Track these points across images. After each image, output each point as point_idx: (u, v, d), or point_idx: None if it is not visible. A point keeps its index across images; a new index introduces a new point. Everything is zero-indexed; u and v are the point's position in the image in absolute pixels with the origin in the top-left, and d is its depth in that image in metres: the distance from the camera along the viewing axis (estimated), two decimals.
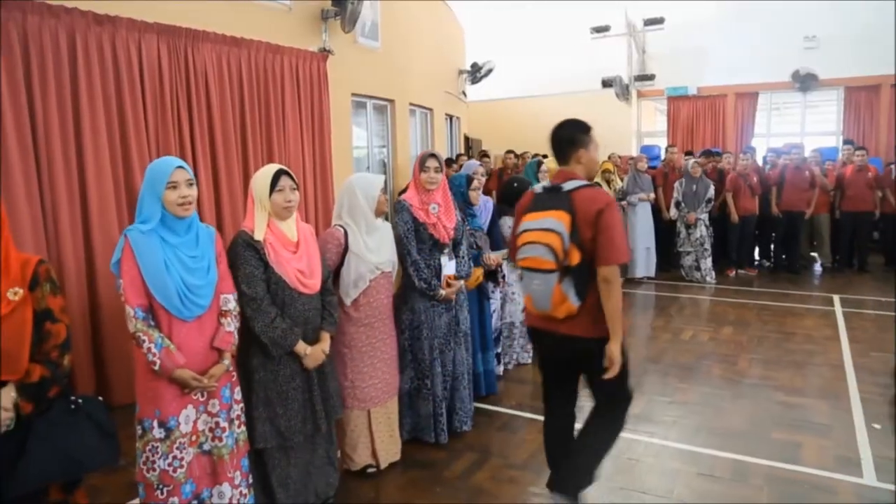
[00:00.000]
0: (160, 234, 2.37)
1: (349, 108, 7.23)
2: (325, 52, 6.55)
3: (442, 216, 3.55)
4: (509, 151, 9.37)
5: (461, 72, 10.98)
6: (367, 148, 7.83)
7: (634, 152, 12.19)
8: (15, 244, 2.07)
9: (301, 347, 2.76)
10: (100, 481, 3.31)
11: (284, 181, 2.72)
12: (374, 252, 3.21)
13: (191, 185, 2.39)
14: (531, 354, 5.16)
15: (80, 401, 2.04)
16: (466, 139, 11.63)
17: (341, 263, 3.18)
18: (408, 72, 8.47)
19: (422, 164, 3.54)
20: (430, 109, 9.49)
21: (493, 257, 4.21)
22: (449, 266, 3.63)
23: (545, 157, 6.76)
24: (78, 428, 2.00)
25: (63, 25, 4.30)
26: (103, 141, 4.49)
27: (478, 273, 4.01)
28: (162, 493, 2.42)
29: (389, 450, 3.44)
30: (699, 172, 8.27)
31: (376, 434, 3.36)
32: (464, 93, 11.24)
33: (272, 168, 2.75)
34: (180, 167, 2.38)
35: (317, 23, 6.58)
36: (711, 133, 12.60)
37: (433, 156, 3.56)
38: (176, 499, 2.44)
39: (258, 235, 2.69)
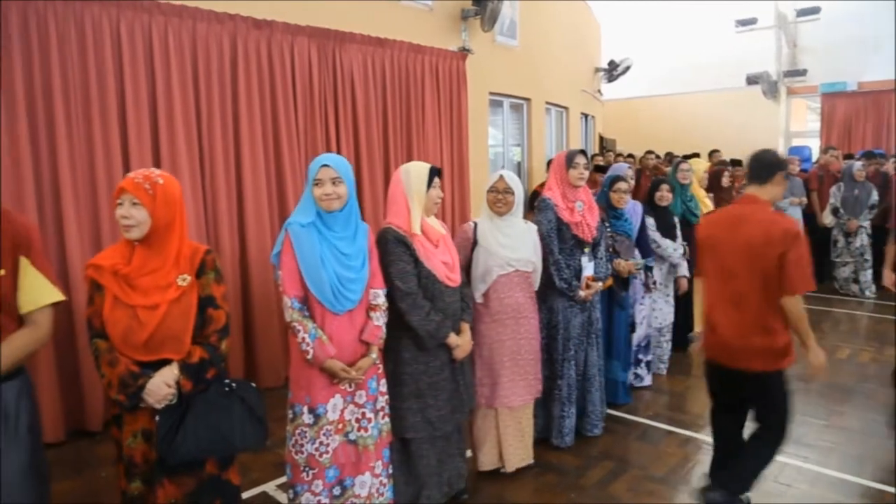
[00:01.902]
0: (318, 227, 2.48)
1: (486, 107, 7.26)
2: (464, 52, 6.61)
3: (586, 214, 3.51)
4: (649, 152, 9.05)
5: (597, 69, 10.74)
6: (501, 147, 7.83)
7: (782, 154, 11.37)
8: None
9: (453, 339, 2.82)
10: (247, 459, 3.51)
11: (436, 180, 2.80)
12: (509, 248, 3.19)
13: (336, 182, 2.46)
14: (667, 365, 5.00)
15: (234, 384, 2.17)
16: (601, 139, 11.37)
17: (472, 258, 3.21)
18: (545, 70, 8.38)
19: (570, 161, 3.51)
20: (566, 108, 9.35)
21: (623, 264, 4.06)
22: (589, 267, 3.56)
23: (687, 157, 6.46)
24: (231, 409, 2.12)
25: (226, 31, 4.62)
26: (258, 138, 4.79)
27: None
28: (307, 476, 2.54)
29: (518, 454, 3.39)
30: (863, 176, 7.59)
31: (503, 436, 3.33)
32: (599, 91, 10.99)
33: (425, 165, 2.81)
34: (325, 165, 2.47)
35: (456, 22, 6.66)
36: (873, 133, 11.52)
37: (582, 152, 3.54)
38: (320, 482, 2.54)
39: (416, 229, 2.75)
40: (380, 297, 2.62)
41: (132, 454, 2.07)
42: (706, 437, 3.83)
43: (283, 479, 3.35)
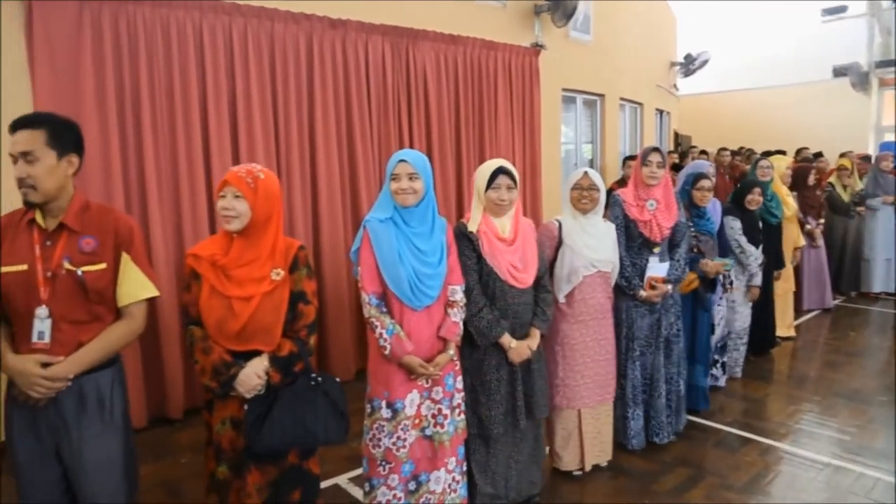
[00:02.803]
0: (395, 223, 2.49)
1: (559, 104, 7.17)
2: (537, 48, 6.54)
3: (659, 214, 3.41)
4: (723, 149, 8.73)
5: (673, 64, 10.45)
6: (574, 144, 7.72)
7: (871, 150, 10.80)
8: None
9: (506, 340, 2.76)
10: (321, 451, 3.54)
11: (502, 179, 2.74)
12: (592, 249, 3.14)
13: (413, 177, 2.46)
14: (742, 368, 4.84)
15: (319, 379, 2.20)
16: (676, 135, 11.07)
17: (555, 258, 3.15)
18: (619, 65, 8.21)
19: (644, 159, 3.44)
20: (640, 104, 9.15)
21: (711, 265, 3.91)
22: (657, 268, 3.45)
23: (769, 154, 6.20)
24: (316, 403, 2.16)
25: (303, 30, 4.71)
26: (332, 136, 4.86)
27: (691, 278, 3.78)
28: (384, 469, 2.55)
29: (596, 453, 3.36)
30: None
31: (585, 436, 3.29)
32: (675, 86, 10.69)
33: (493, 164, 2.79)
34: (402, 160, 2.48)
35: (529, 18, 6.60)
36: None
37: (656, 150, 3.43)
38: (396, 476, 2.56)
39: (472, 227, 2.75)
40: (457, 293, 2.61)
41: (220, 440, 2.14)
42: (788, 446, 3.68)
43: (354, 473, 3.40)
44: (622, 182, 6.77)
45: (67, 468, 1.99)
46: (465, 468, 2.78)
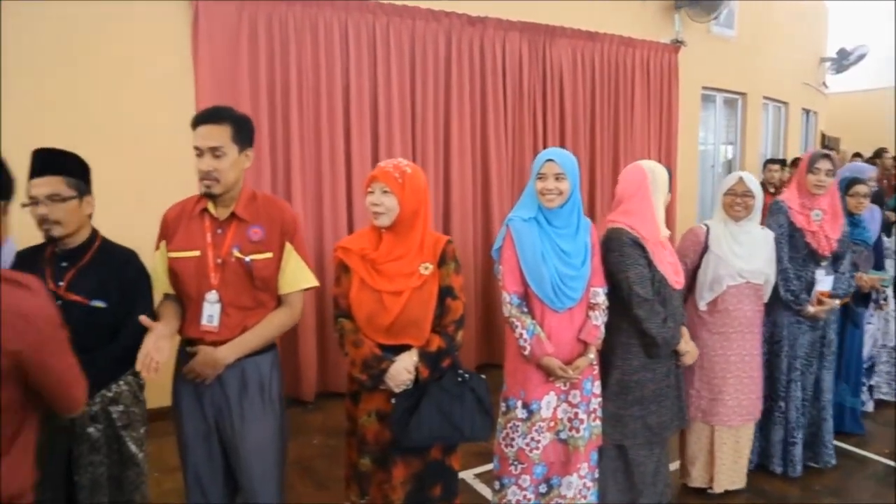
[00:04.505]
0: (539, 223, 2.46)
1: (698, 103, 6.86)
2: (676, 44, 6.29)
3: (825, 225, 3.16)
4: (883, 149, 8.01)
5: (823, 59, 9.73)
6: (712, 145, 7.37)
7: None
8: None
9: (683, 346, 2.71)
10: None
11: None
12: (742, 258, 2.97)
13: (559, 178, 2.42)
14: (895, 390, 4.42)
15: (466, 375, 2.20)
16: (823, 137, 10.30)
17: (699, 264, 3.01)
18: (763, 62, 7.74)
19: (811, 165, 3.18)
20: (785, 103, 8.59)
21: (867, 278, 3.59)
22: (825, 281, 3.21)
23: None
24: (463, 399, 2.16)
25: (442, 28, 4.77)
26: (467, 132, 4.91)
27: None
28: (516, 469, 2.53)
29: (730, 476, 3.16)
30: None
31: (717, 455, 3.11)
32: (824, 83, 9.95)
33: (663, 166, 2.73)
34: (550, 160, 2.43)
35: (669, 13, 6.35)
36: None
37: (826, 157, 3.17)
38: (527, 477, 2.53)
39: (664, 233, 2.68)
40: (600, 295, 2.55)
41: (365, 432, 2.18)
42: None
43: (481, 469, 3.41)
44: (762, 187, 6.37)
45: (227, 445, 2.11)
46: (596, 475, 2.71)
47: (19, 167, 1.68)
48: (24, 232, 1.99)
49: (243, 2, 4.05)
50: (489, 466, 3.16)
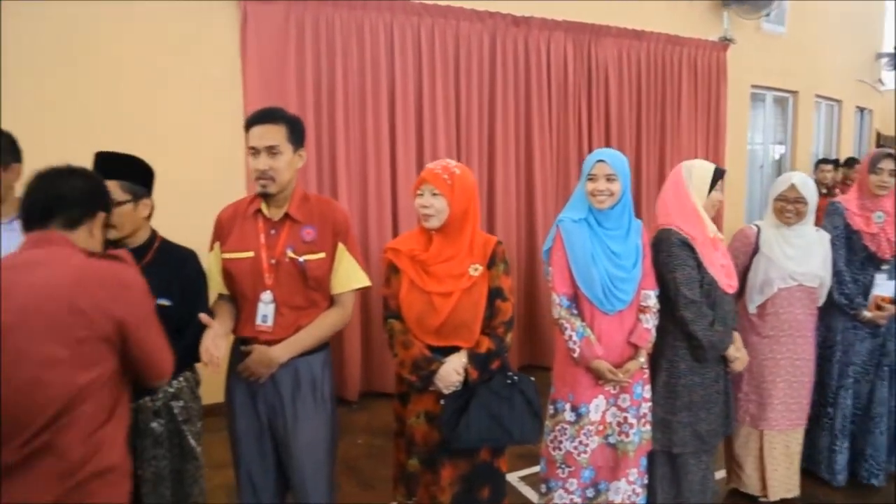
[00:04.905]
0: (589, 224, 2.44)
1: (747, 102, 6.71)
2: (725, 42, 6.16)
3: (888, 227, 3.06)
4: None
5: (879, 55, 9.41)
6: (761, 144, 7.20)
7: None
8: None
9: (733, 350, 2.65)
10: None
11: (719, 182, 2.64)
12: (795, 260, 2.89)
13: (611, 178, 2.39)
14: None
15: (516, 377, 2.19)
16: (878, 136, 9.98)
17: (749, 266, 2.95)
18: (816, 59, 7.53)
19: (873, 165, 3.09)
20: (839, 101, 8.34)
21: None
22: (886, 286, 3.10)
23: None
24: (512, 401, 2.15)
25: (487, 28, 4.77)
26: (511, 133, 4.90)
27: None
28: (563, 472, 2.51)
29: (784, 483, 3.07)
30: None
31: (768, 461, 3.04)
32: (880, 80, 9.63)
33: (710, 165, 2.65)
34: (601, 161, 2.40)
35: (718, 11, 6.22)
36: None
37: (890, 156, 3.07)
38: (575, 481, 2.51)
39: (710, 232, 2.62)
40: (651, 298, 2.51)
41: (413, 433, 2.18)
42: None
43: (525, 472, 3.39)
44: None
45: (279, 443, 2.14)
46: (645, 481, 2.67)
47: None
48: None
49: (290, 3, 4.11)
50: (534, 469, 3.15)
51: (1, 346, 1.33)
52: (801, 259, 2.89)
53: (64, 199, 1.50)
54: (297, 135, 2.09)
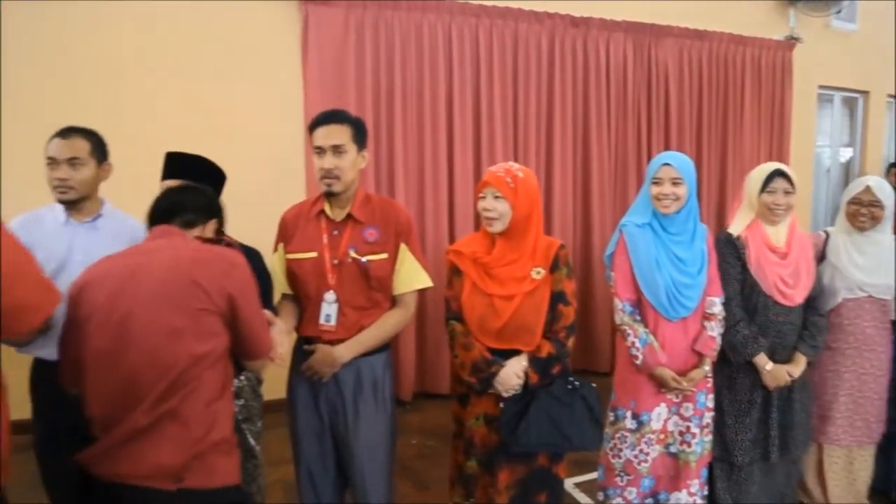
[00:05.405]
0: (653, 228, 2.39)
1: (814, 103, 6.48)
2: (791, 40, 5.96)
3: None
4: None
5: None
6: (828, 147, 6.94)
7: None
8: None
9: (762, 360, 2.53)
10: None
11: (779, 183, 2.51)
12: (865, 270, 2.74)
13: (676, 182, 2.34)
14: None
15: (577, 383, 2.16)
16: None
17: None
18: (888, 57, 7.18)
19: None
20: None
21: None
22: None
23: None
24: (573, 408, 2.12)
25: (545, 29, 4.74)
26: (569, 135, 4.86)
27: None
28: (622, 481, 2.47)
29: (845, 501, 2.94)
30: None
31: (828, 476, 2.91)
32: None
33: (769, 166, 2.57)
34: (666, 164, 2.36)
35: (784, 8, 6.02)
36: None
37: None
38: (634, 490, 2.46)
39: (734, 231, 2.57)
40: (716, 305, 2.44)
41: (472, 435, 2.18)
42: None
43: (581, 478, 3.34)
44: None
45: (340, 443, 2.16)
46: (706, 492, 2.60)
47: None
48: None
49: (350, 5, 4.15)
50: (590, 476, 3.12)
51: (134, 319, 1.50)
52: (872, 268, 2.74)
53: (184, 205, 1.74)
54: (360, 135, 2.11)
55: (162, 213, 1.72)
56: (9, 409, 1.52)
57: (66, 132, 2.17)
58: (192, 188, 1.85)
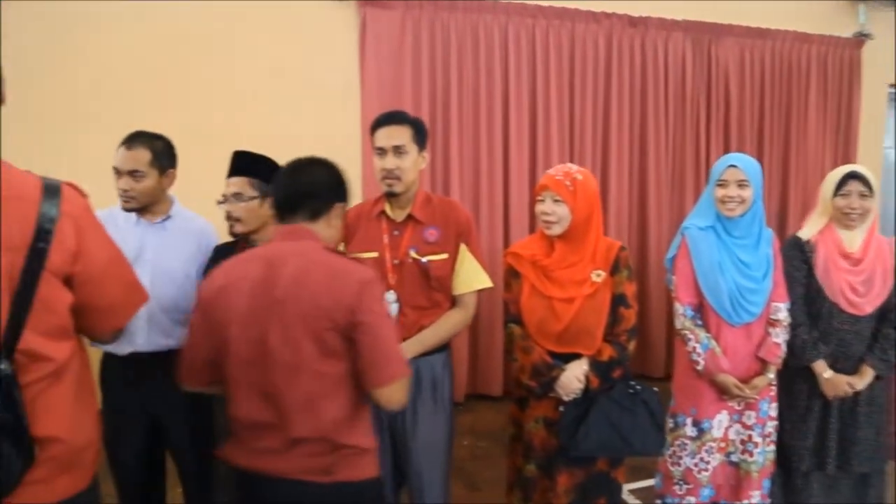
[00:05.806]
0: (717, 232, 2.34)
1: (885, 102, 6.22)
2: (860, 38, 5.74)
3: None
4: None
5: None
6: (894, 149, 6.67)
7: None
8: None
9: (820, 367, 2.44)
10: None
11: (853, 185, 2.42)
12: None
13: (742, 185, 2.30)
14: None
15: (638, 387, 2.14)
16: None
17: None
18: None
19: None
20: None
21: None
22: None
23: None
24: (635, 412, 2.10)
25: (602, 29, 4.69)
26: (626, 136, 4.80)
27: None
28: (680, 489, 2.42)
29: None
30: None
31: None
32: None
33: (845, 168, 2.49)
34: (732, 166, 2.32)
35: (852, 4, 5.80)
36: None
37: None
38: (693, 499, 2.41)
39: (805, 235, 2.50)
40: (782, 311, 2.37)
41: (532, 438, 2.18)
42: None
43: (636, 485, 3.28)
44: None
45: (398, 442, 2.16)
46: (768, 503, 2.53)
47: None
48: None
49: (407, 5, 4.19)
50: (646, 482, 3.07)
51: (270, 336, 1.48)
52: None
53: (308, 193, 1.62)
54: (421, 136, 2.13)
55: (288, 205, 1.62)
56: (98, 399, 1.53)
57: (131, 141, 2.15)
58: (313, 163, 1.72)
